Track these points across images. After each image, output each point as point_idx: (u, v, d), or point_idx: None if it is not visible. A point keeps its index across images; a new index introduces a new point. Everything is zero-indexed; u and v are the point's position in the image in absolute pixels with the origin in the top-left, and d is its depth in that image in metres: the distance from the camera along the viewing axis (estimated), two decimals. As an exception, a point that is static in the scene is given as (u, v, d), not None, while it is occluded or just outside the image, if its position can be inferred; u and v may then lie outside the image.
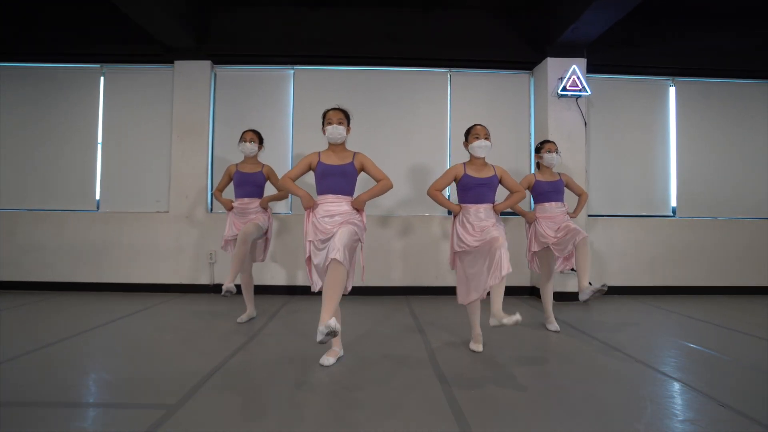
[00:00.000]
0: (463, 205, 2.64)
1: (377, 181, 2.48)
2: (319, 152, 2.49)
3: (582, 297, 2.75)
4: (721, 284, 4.74)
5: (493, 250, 2.33)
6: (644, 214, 4.80)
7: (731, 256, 4.77)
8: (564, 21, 3.98)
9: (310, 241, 2.36)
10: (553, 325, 3.15)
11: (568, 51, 4.32)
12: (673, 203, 4.84)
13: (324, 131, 2.47)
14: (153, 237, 4.47)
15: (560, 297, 4.20)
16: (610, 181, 4.76)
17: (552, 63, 4.35)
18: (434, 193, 2.68)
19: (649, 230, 4.73)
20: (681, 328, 3.26)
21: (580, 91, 4.25)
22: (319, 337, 1.94)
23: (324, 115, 2.50)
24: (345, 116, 2.49)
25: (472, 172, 2.63)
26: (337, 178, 2.39)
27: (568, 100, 4.35)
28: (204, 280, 4.47)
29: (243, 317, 3.32)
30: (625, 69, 4.77)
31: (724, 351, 2.65)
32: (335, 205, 2.36)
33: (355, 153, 2.49)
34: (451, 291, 4.50)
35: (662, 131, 4.88)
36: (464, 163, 2.68)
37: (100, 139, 4.64)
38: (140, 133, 4.64)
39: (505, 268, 2.25)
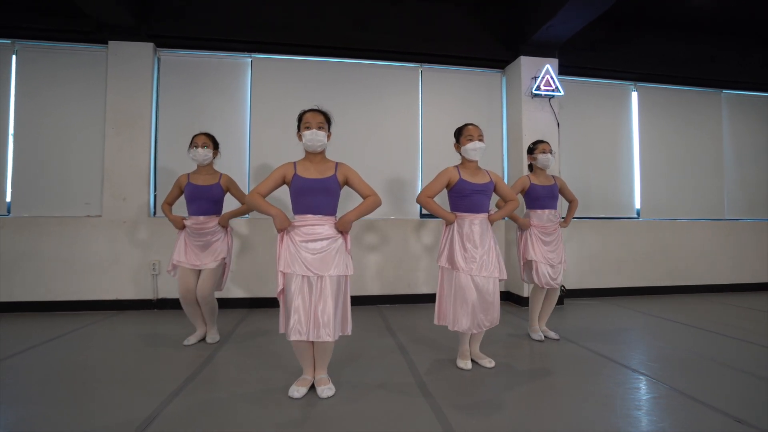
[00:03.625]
0: (457, 214, 2.38)
1: (363, 197, 2.14)
2: (295, 163, 2.10)
3: (535, 336, 2.98)
4: (680, 284, 4.90)
5: (490, 296, 2.34)
6: (611, 216, 4.85)
7: (688, 256, 4.95)
8: (539, 18, 3.88)
9: (282, 272, 1.98)
10: (537, 335, 3.00)
11: (541, 50, 4.24)
12: (638, 205, 4.94)
13: (300, 137, 2.10)
14: (81, 246, 3.80)
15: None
16: (579, 183, 4.76)
17: (525, 62, 4.25)
18: (426, 201, 2.39)
19: (615, 232, 4.78)
20: (657, 331, 3.23)
21: (553, 91, 4.18)
22: (324, 395, 1.98)
23: (300, 118, 2.12)
24: (326, 120, 2.12)
25: (467, 177, 2.38)
26: (317, 195, 2.02)
27: (542, 100, 4.27)
28: (145, 294, 3.86)
29: (191, 339, 2.83)
30: (592, 72, 4.81)
31: (704, 352, 2.61)
32: (316, 228, 2.00)
33: (337, 164, 2.13)
34: (424, 299, 4.28)
35: (626, 135, 4.97)
36: (457, 167, 2.43)
37: (11, 130, 3.88)
38: (65, 123, 3.93)
39: (495, 322, 2.37)
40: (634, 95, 5.00)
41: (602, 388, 2.10)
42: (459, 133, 2.44)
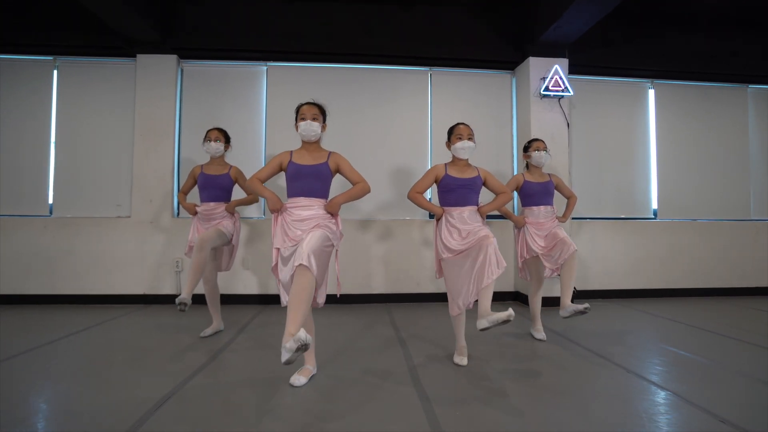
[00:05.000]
0: (445, 207, 2.46)
1: (353, 184, 2.29)
2: (291, 151, 2.29)
3: (563, 314, 2.71)
4: (701, 286, 4.73)
5: (483, 248, 2.21)
6: (626, 216, 4.76)
7: (711, 257, 4.78)
8: (547, 19, 3.88)
9: (277, 248, 2.15)
10: (540, 334, 3.02)
11: (550, 51, 4.23)
12: (654, 205, 4.82)
13: (297, 127, 2.26)
14: (113, 244, 4.13)
15: (546, 302, 4.07)
16: (592, 183, 4.70)
17: (534, 62, 4.25)
18: (414, 196, 2.51)
19: (630, 233, 4.68)
20: (668, 334, 3.18)
21: (562, 91, 4.16)
22: (285, 356, 1.67)
23: (297, 110, 2.29)
24: (320, 111, 2.29)
25: (453, 173, 2.47)
26: (309, 179, 2.19)
27: (551, 100, 4.26)
28: (169, 290, 4.15)
29: (207, 331, 3.05)
30: (605, 70, 4.73)
31: (713, 357, 2.57)
32: (307, 209, 2.15)
33: (330, 153, 2.30)
34: (433, 298, 4.35)
35: (643, 133, 4.86)
36: (446, 164, 2.52)
37: (53, 138, 4.27)
38: (99, 131, 4.29)
39: (501, 265, 2.19)
40: (651, 93, 4.88)
41: (597, 389, 2.11)
42: (450, 132, 2.53)
